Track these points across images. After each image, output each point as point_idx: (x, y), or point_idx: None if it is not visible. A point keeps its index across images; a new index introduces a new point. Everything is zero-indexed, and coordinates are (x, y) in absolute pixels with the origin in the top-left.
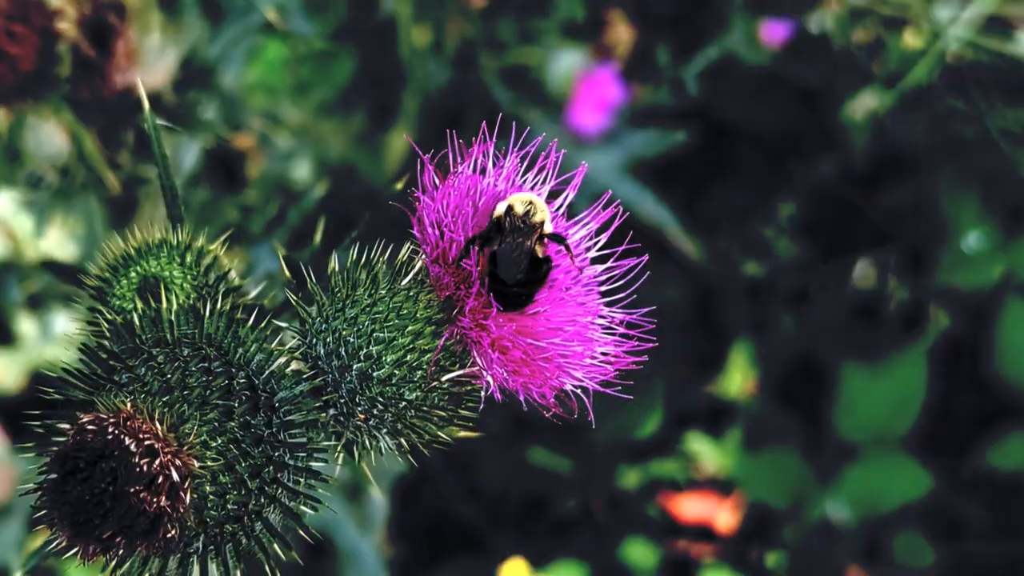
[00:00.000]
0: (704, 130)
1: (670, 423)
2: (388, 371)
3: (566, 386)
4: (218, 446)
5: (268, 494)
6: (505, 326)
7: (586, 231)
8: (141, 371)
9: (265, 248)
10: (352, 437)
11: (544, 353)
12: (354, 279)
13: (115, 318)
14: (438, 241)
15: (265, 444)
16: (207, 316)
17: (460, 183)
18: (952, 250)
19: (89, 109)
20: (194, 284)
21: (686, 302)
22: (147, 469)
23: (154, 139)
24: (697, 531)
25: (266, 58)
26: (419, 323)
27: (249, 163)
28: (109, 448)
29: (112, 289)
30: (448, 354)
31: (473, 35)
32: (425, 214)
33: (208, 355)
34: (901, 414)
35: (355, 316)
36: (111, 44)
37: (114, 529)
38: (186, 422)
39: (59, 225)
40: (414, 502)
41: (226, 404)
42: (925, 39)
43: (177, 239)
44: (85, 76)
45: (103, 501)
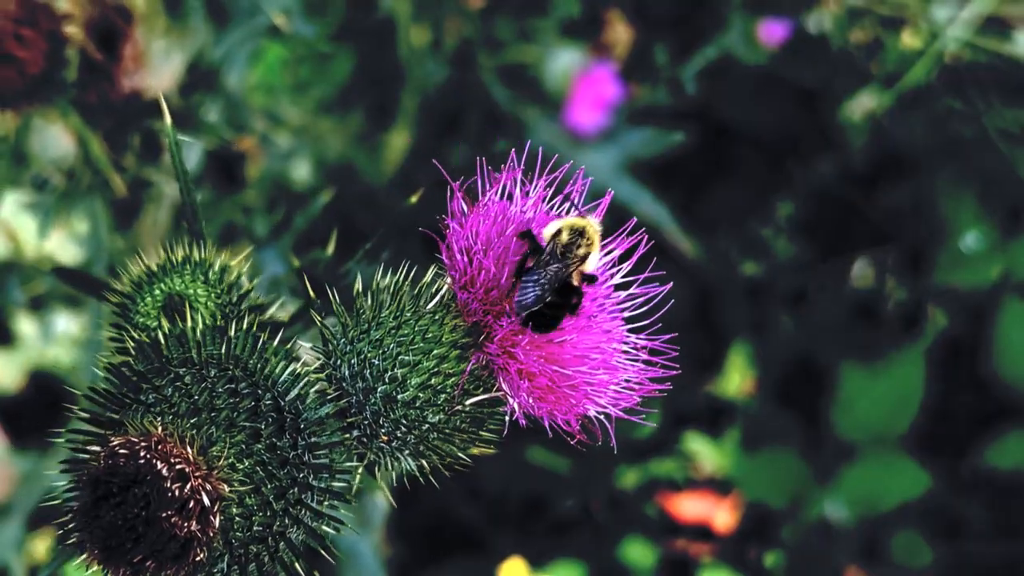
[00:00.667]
0: (702, 130)
1: (669, 423)
2: (413, 394)
3: (590, 412)
4: (245, 468)
5: (292, 515)
6: (532, 353)
7: (609, 258)
8: (168, 391)
9: (271, 252)
10: (374, 458)
11: (570, 381)
12: (379, 301)
13: (140, 336)
14: (466, 267)
15: (291, 466)
16: (233, 336)
17: (488, 211)
18: (950, 250)
19: (96, 112)
20: (218, 303)
21: (685, 302)
22: (179, 494)
23: (175, 155)
24: (696, 531)
25: (267, 58)
26: (444, 347)
27: (249, 163)
28: (141, 473)
29: (136, 306)
30: (472, 378)
31: (471, 34)
32: (454, 241)
33: (235, 376)
34: (900, 414)
35: (380, 338)
36: (118, 48)
37: (146, 553)
38: (214, 444)
39: (62, 227)
40: (413, 502)
41: (253, 426)
42: (923, 39)
43: (200, 256)
44: (92, 79)
45: (136, 526)
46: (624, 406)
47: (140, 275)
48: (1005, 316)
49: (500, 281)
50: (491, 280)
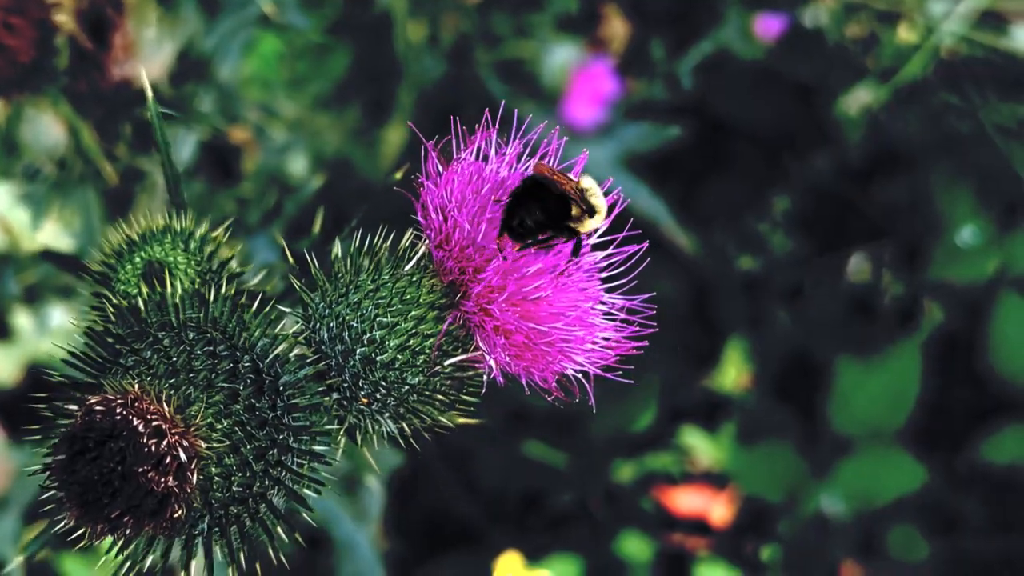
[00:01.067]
0: (699, 125)
1: (665, 417)
2: (391, 356)
3: (567, 371)
4: (224, 428)
5: (272, 476)
6: (508, 311)
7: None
8: (147, 354)
9: (262, 239)
10: (355, 421)
11: (546, 337)
12: (357, 265)
13: (120, 302)
14: (441, 226)
15: (270, 427)
16: (212, 300)
17: (463, 170)
18: (946, 245)
19: (87, 101)
20: (198, 270)
21: (682, 297)
22: (155, 449)
23: (157, 126)
24: (692, 525)
25: (262, 52)
26: (422, 308)
27: (245, 157)
28: (117, 428)
29: (117, 274)
30: (451, 339)
31: (468, 29)
32: (429, 200)
33: (213, 339)
34: (895, 408)
35: (358, 301)
36: (109, 37)
37: (122, 508)
38: (192, 404)
39: (55, 218)
40: (411, 497)
41: (231, 387)
42: (919, 34)
43: (181, 225)
44: (83, 68)
45: (112, 481)
46: (601, 364)
47: (121, 243)
48: (1001, 311)
49: (475, 238)
50: (466, 237)
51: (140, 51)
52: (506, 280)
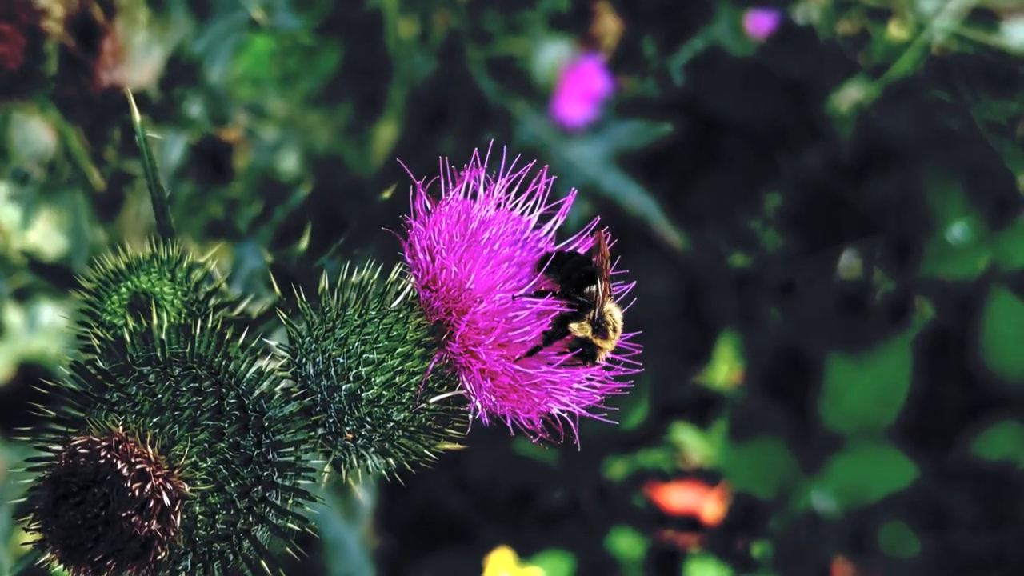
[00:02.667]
0: (691, 122)
1: (656, 414)
2: (377, 392)
3: (553, 410)
4: (208, 467)
5: (256, 513)
6: (494, 353)
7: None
8: (132, 390)
9: (250, 246)
10: (340, 456)
11: (532, 380)
12: (344, 299)
13: (106, 335)
14: (429, 267)
15: (254, 464)
16: (198, 334)
17: (451, 209)
18: (937, 241)
19: (75, 106)
20: (184, 300)
21: (673, 294)
22: (139, 493)
23: (144, 150)
24: (683, 521)
25: (253, 50)
26: (408, 345)
27: (236, 155)
28: (101, 473)
29: (103, 304)
30: (437, 375)
31: (459, 26)
32: (417, 240)
33: (199, 375)
34: (886, 405)
35: (345, 337)
36: (98, 42)
37: (106, 553)
38: (177, 443)
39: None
40: (401, 494)
41: (216, 425)
42: (910, 30)
43: (168, 254)
44: (72, 73)
45: (95, 526)
46: (587, 404)
47: (107, 272)
48: (992, 307)
49: (462, 280)
50: (453, 279)
51: (130, 56)
52: (493, 322)
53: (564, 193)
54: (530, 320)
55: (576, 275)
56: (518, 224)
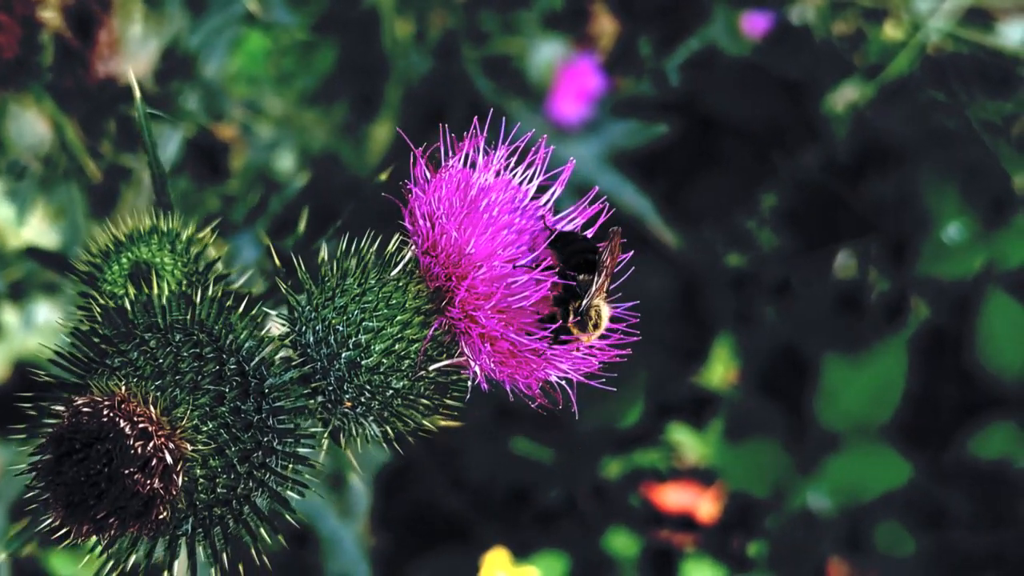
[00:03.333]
0: (687, 122)
1: (652, 413)
2: (376, 360)
3: (551, 377)
4: (209, 430)
5: (256, 478)
6: (494, 318)
7: (572, 226)
8: (133, 355)
9: (246, 237)
10: (339, 424)
11: (531, 345)
12: (344, 268)
13: (107, 303)
14: (429, 233)
15: (254, 429)
16: (199, 302)
17: (451, 176)
18: (933, 241)
19: (71, 98)
20: (184, 271)
21: (669, 293)
22: (141, 451)
23: (143, 126)
24: (679, 521)
25: (248, 48)
26: (408, 313)
27: (232, 154)
28: (104, 430)
29: (103, 275)
30: (436, 344)
31: (455, 26)
32: (417, 206)
33: (200, 341)
34: (882, 404)
35: (344, 305)
36: (94, 33)
37: (108, 510)
38: (178, 406)
39: (41, 214)
40: (398, 492)
41: (217, 389)
42: (905, 31)
43: (168, 226)
44: (68, 65)
45: (98, 482)
46: (585, 371)
47: (108, 244)
48: (988, 307)
49: (462, 246)
50: (453, 244)
51: (125, 48)
52: (492, 287)
53: (564, 198)
54: (529, 286)
55: (576, 260)
56: (517, 192)
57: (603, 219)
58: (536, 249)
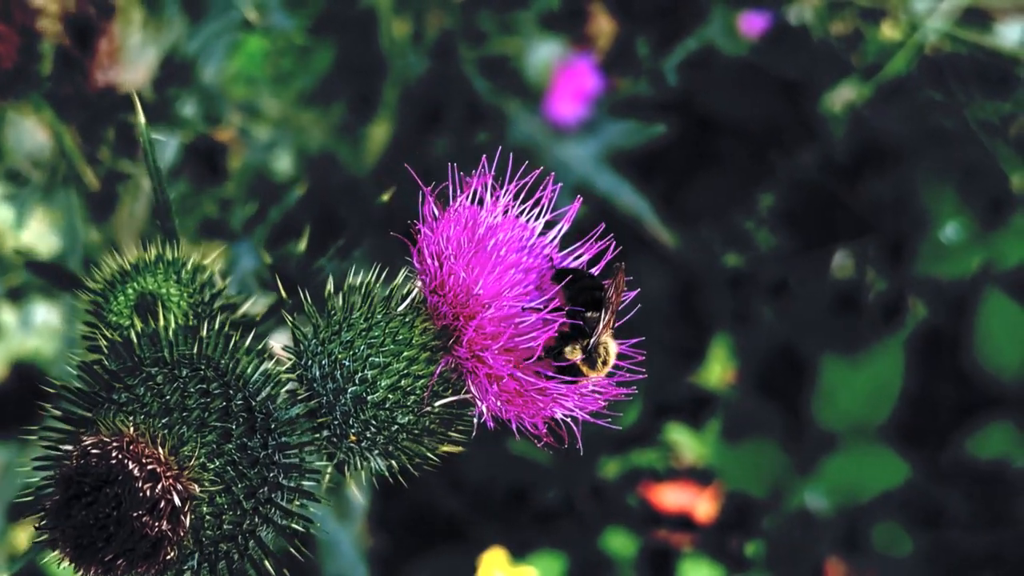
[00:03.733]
0: (684, 122)
1: (650, 413)
2: (382, 395)
3: (557, 415)
4: (216, 468)
5: (262, 514)
6: (500, 358)
7: (578, 263)
8: (140, 391)
9: (245, 246)
10: (344, 458)
11: (538, 384)
12: (350, 303)
13: (113, 335)
14: (436, 272)
15: (261, 465)
16: (205, 336)
17: (459, 215)
18: (931, 241)
19: (70, 106)
20: (190, 302)
21: (667, 293)
22: (150, 494)
23: (148, 154)
24: (677, 521)
25: (247, 50)
26: (414, 349)
27: (230, 155)
28: (113, 473)
29: (109, 305)
30: (441, 380)
31: (453, 26)
32: (425, 246)
33: (207, 376)
34: (880, 404)
35: (351, 340)
36: (94, 41)
37: (116, 552)
38: (185, 444)
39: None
40: (395, 493)
41: (224, 426)
42: (903, 31)
43: (173, 255)
44: (67, 73)
45: (107, 526)
46: (590, 409)
47: (113, 273)
48: (985, 307)
49: (469, 286)
50: (461, 284)
51: (125, 56)
52: (500, 327)
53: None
54: (537, 326)
55: (583, 297)
56: (524, 230)
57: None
58: (543, 287)
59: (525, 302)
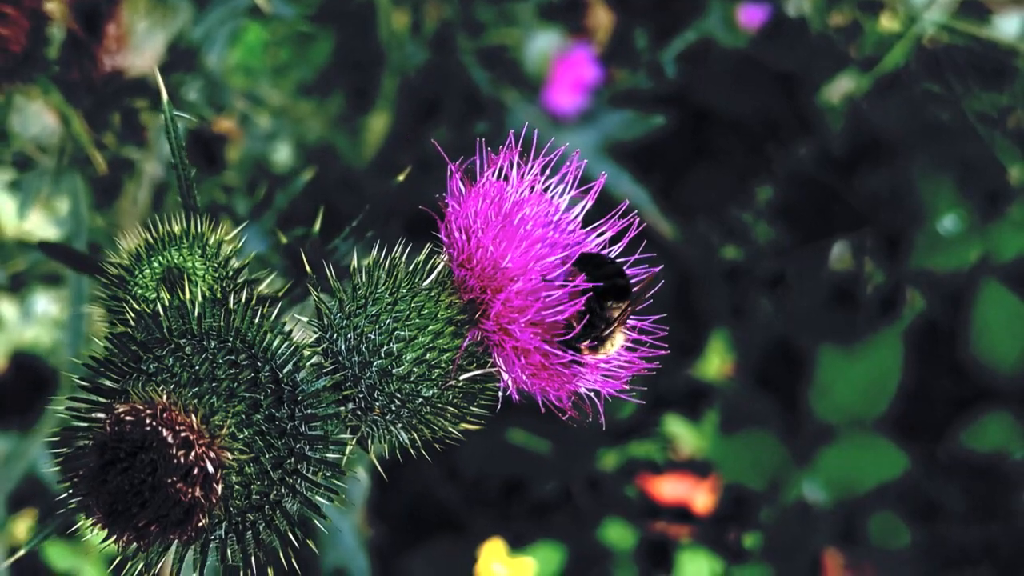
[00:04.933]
0: (682, 114)
1: (649, 405)
2: (407, 368)
3: (581, 389)
4: (245, 438)
5: (289, 485)
6: (527, 331)
7: (601, 240)
8: (169, 361)
9: (253, 230)
10: (368, 431)
11: (563, 358)
12: (376, 277)
13: (141, 307)
14: (464, 245)
15: (288, 436)
16: (232, 308)
17: (486, 191)
18: (928, 233)
19: (77, 90)
20: (215, 276)
21: (665, 286)
22: (184, 460)
23: (171, 131)
24: (675, 512)
25: (246, 40)
26: (440, 323)
27: (229, 145)
28: (148, 439)
29: (134, 278)
30: (466, 354)
31: (451, 17)
32: (453, 220)
33: (235, 347)
34: (876, 396)
35: (377, 314)
36: (102, 26)
37: (150, 518)
38: (215, 414)
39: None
40: (394, 484)
41: (253, 397)
42: (901, 23)
43: (197, 230)
44: (75, 58)
45: (142, 491)
46: (613, 384)
47: (139, 247)
48: (982, 299)
49: (497, 259)
50: (488, 258)
51: (132, 41)
52: (527, 300)
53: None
54: (563, 299)
55: (606, 285)
56: (550, 206)
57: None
58: (568, 264)
59: (550, 275)
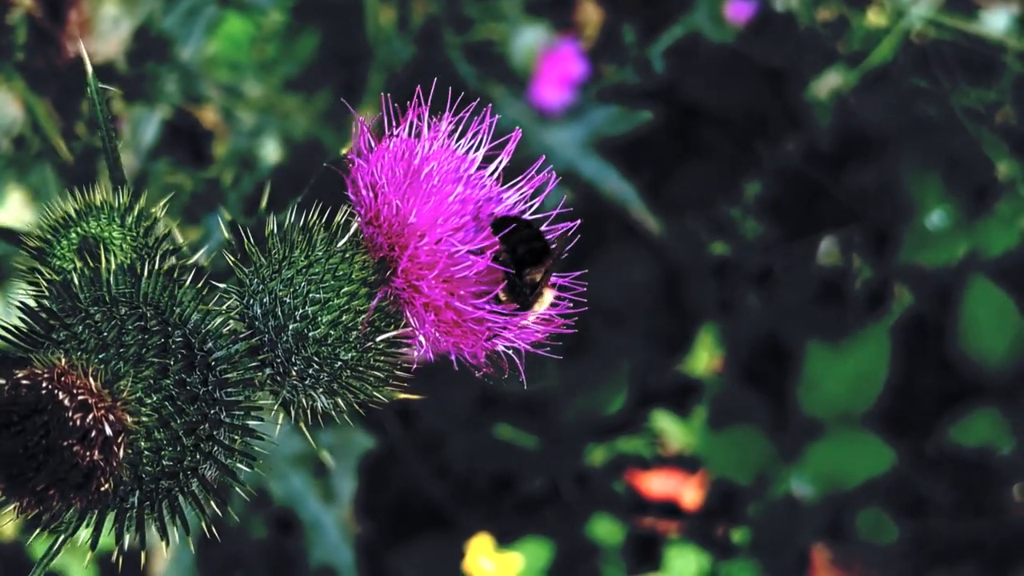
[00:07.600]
0: (670, 110)
1: (636, 401)
2: (323, 331)
3: (498, 347)
4: (153, 403)
5: (203, 451)
6: (437, 287)
7: (520, 196)
8: (78, 329)
9: (217, 218)
10: (288, 396)
11: (475, 315)
12: (291, 240)
13: (54, 277)
14: (372, 202)
15: (200, 401)
16: (144, 276)
17: (395, 146)
18: (916, 229)
19: (43, 78)
20: (134, 245)
21: (653, 282)
22: (80, 423)
23: (96, 101)
24: (663, 508)
25: (228, 34)
26: (354, 284)
27: (215, 141)
28: (43, 402)
29: (52, 249)
30: (384, 315)
31: (438, 12)
32: (359, 176)
33: (145, 314)
34: (864, 391)
35: (291, 277)
36: (64, 12)
37: (47, 482)
38: (121, 378)
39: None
40: (381, 481)
41: (162, 362)
42: (888, 18)
43: (118, 201)
44: (39, 45)
45: (36, 454)
46: (531, 340)
47: (57, 219)
48: (970, 294)
49: (404, 215)
50: (395, 214)
51: (97, 28)
52: (435, 257)
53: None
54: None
55: (522, 251)
56: (462, 161)
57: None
58: (481, 221)
59: (461, 235)
